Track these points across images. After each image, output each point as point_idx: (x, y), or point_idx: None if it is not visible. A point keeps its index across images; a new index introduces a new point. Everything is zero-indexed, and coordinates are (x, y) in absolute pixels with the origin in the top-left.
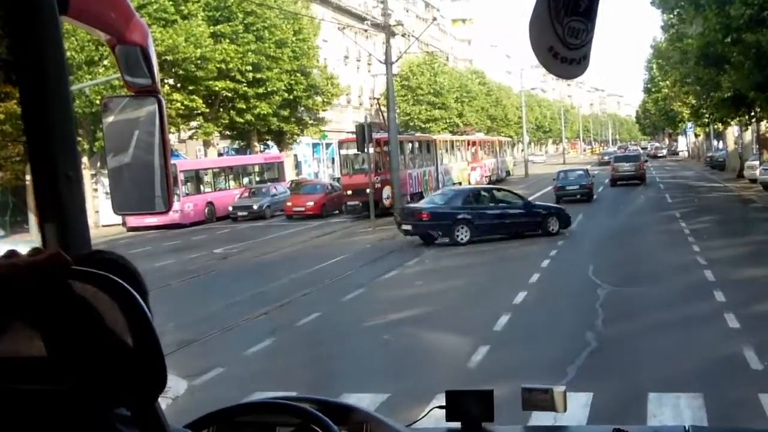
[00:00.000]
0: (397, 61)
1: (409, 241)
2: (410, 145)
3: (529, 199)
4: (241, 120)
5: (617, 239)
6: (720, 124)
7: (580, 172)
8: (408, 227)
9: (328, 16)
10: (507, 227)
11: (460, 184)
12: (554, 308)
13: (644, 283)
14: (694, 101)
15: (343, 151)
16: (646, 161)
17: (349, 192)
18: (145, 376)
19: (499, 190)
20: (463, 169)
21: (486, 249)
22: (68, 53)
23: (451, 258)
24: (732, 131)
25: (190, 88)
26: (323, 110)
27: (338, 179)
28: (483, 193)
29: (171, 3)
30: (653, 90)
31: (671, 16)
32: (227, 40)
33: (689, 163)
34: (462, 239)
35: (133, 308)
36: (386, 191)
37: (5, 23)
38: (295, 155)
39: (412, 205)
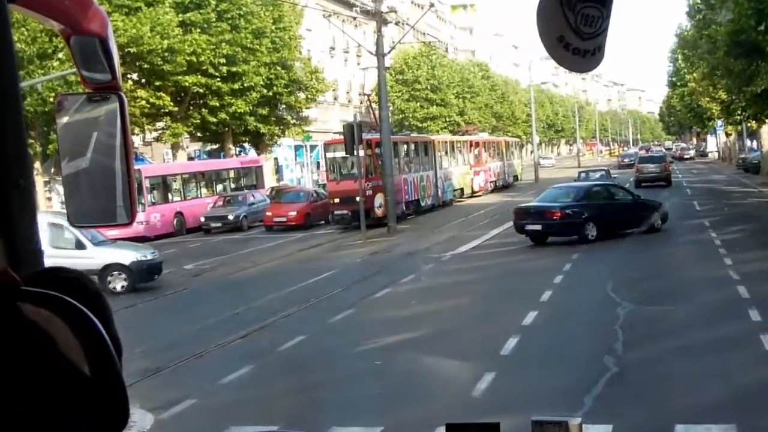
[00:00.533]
0: (389, 52)
1: (403, 255)
2: (405, 146)
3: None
4: (214, 119)
5: (639, 250)
6: (754, 121)
7: (602, 172)
8: (536, 227)
9: (312, 2)
10: (626, 223)
11: (462, 191)
12: (568, 329)
13: (670, 301)
14: (724, 96)
15: (330, 154)
16: (671, 163)
17: (337, 200)
18: (105, 411)
19: (610, 185)
20: (465, 173)
21: (489, 263)
22: (17, 45)
23: (451, 274)
24: (767, 130)
25: (157, 83)
26: (307, 108)
27: (324, 186)
28: (598, 188)
29: None
30: (678, 84)
31: (698, 0)
32: (198, 30)
33: (719, 166)
34: (591, 236)
35: (92, 334)
36: (378, 199)
37: None
38: (276, 159)
39: (534, 204)
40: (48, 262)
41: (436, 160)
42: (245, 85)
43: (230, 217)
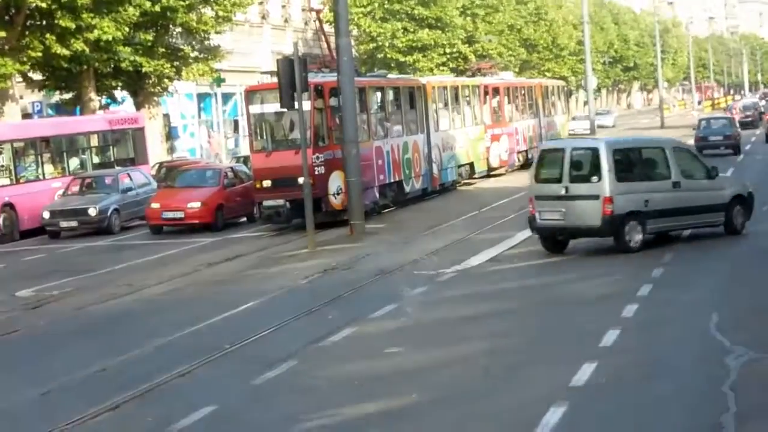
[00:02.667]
0: None
1: (375, 273)
2: (379, 95)
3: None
4: (66, 51)
5: (754, 265)
6: None
7: (724, 121)
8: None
9: None
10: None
11: (471, 167)
12: (649, 393)
13: None
14: None
15: (255, 109)
16: None
17: (267, 183)
18: None
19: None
20: (477, 139)
21: (515, 286)
22: None
23: (453, 304)
24: None
25: None
26: (217, 33)
27: (246, 160)
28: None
29: None
30: None
31: None
32: None
33: None
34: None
35: None
36: (335, 181)
37: None
38: (167, 116)
39: None
40: None
41: (430, 118)
42: None
43: (91, 212)
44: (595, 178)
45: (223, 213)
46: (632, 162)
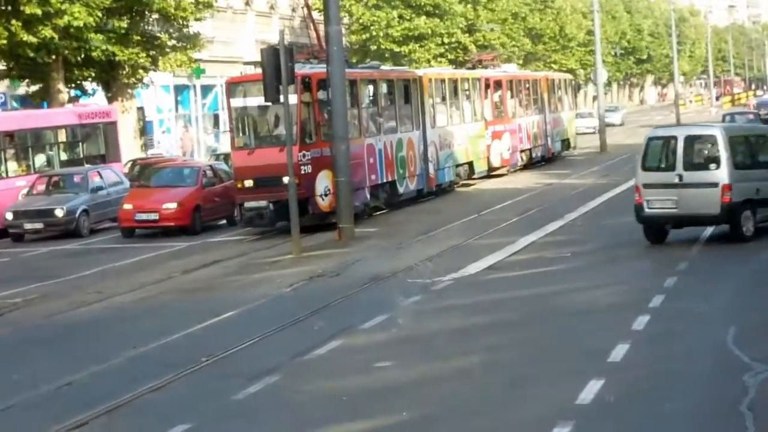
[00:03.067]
0: None
1: (366, 280)
2: (372, 88)
3: None
4: (33, 39)
5: None
6: None
7: (750, 116)
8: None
9: None
10: None
11: (470, 166)
12: (658, 414)
13: None
14: None
15: (237, 102)
16: None
17: (249, 183)
18: None
19: None
20: (477, 136)
21: (518, 295)
22: None
23: (451, 314)
24: None
25: None
26: (197, 20)
27: (226, 158)
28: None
29: None
30: None
31: None
32: None
33: None
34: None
35: None
36: (323, 181)
37: None
38: (141, 110)
39: None
40: None
41: (426, 113)
42: None
43: (58, 213)
44: (713, 166)
45: (201, 215)
46: (744, 150)
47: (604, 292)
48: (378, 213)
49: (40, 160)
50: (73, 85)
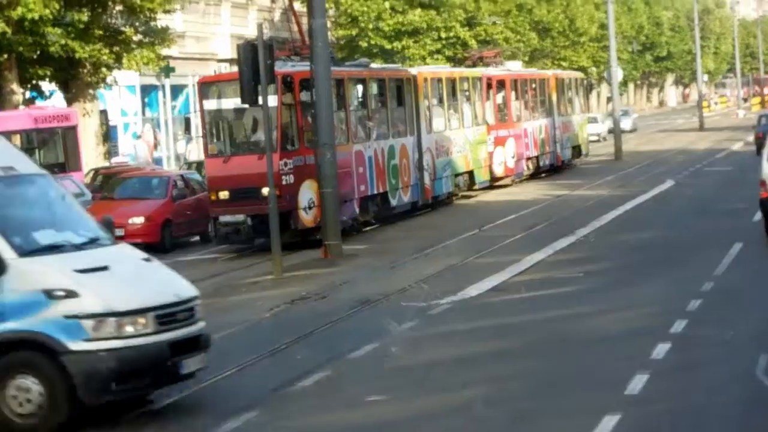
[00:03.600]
0: None
1: (355, 303)
2: (361, 89)
3: None
4: None
5: None
6: None
7: None
8: None
9: None
10: None
11: (470, 176)
12: None
13: None
14: None
15: (210, 104)
16: None
17: (224, 194)
18: None
19: None
20: (478, 143)
21: (524, 320)
22: None
23: (450, 341)
24: None
25: None
26: (166, 12)
27: (199, 166)
28: None
29: None
30: None
31: None
32: None
33: None
34: None
35: None
36: (306, 193)
37: None
38: (104, 113)
39: None
40: None
41: (421, 117)
42: None
43: None
44: None
45: (172, 230)
46: None
47: (619, 316)
48: (368, 228)
49: None
50: (28, 85)
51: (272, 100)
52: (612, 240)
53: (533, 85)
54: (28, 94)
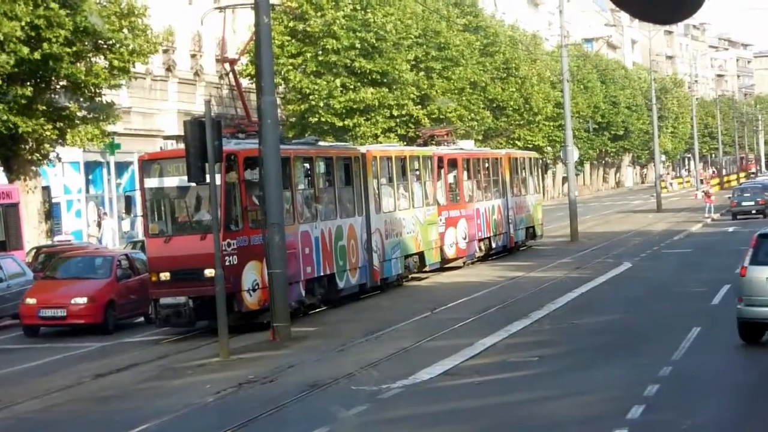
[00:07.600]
0: None
1: (303, 388)
2: (308, 167)
3: None
4: None
5: None
6: None
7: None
8: None
9: None
10: None
11: (420, 257)
12: None
13: None
14: None
15: (152, 182)
16: None
17: (165, 276)
18: None
19: None
20: (429, 223)
21: (478, 405)
22: None
23: (399, 427)
24: None
25: None
26: (111, 88)
27: (142, 245)
28: None
29: None
30: None
31: None
32: None
33: None
34: None
35: None
36: (251, 274)
37: None
38: (47, 189)
39: None
40: None
41: (370, 196)
42: None
43: None
44: None
45: (116, 311)
46: None
47: (576, 401)
48: (314, 311)
49: None
50: None
51: (218, 179)
52: (567, 323)
53: (486, 165)
54: None
